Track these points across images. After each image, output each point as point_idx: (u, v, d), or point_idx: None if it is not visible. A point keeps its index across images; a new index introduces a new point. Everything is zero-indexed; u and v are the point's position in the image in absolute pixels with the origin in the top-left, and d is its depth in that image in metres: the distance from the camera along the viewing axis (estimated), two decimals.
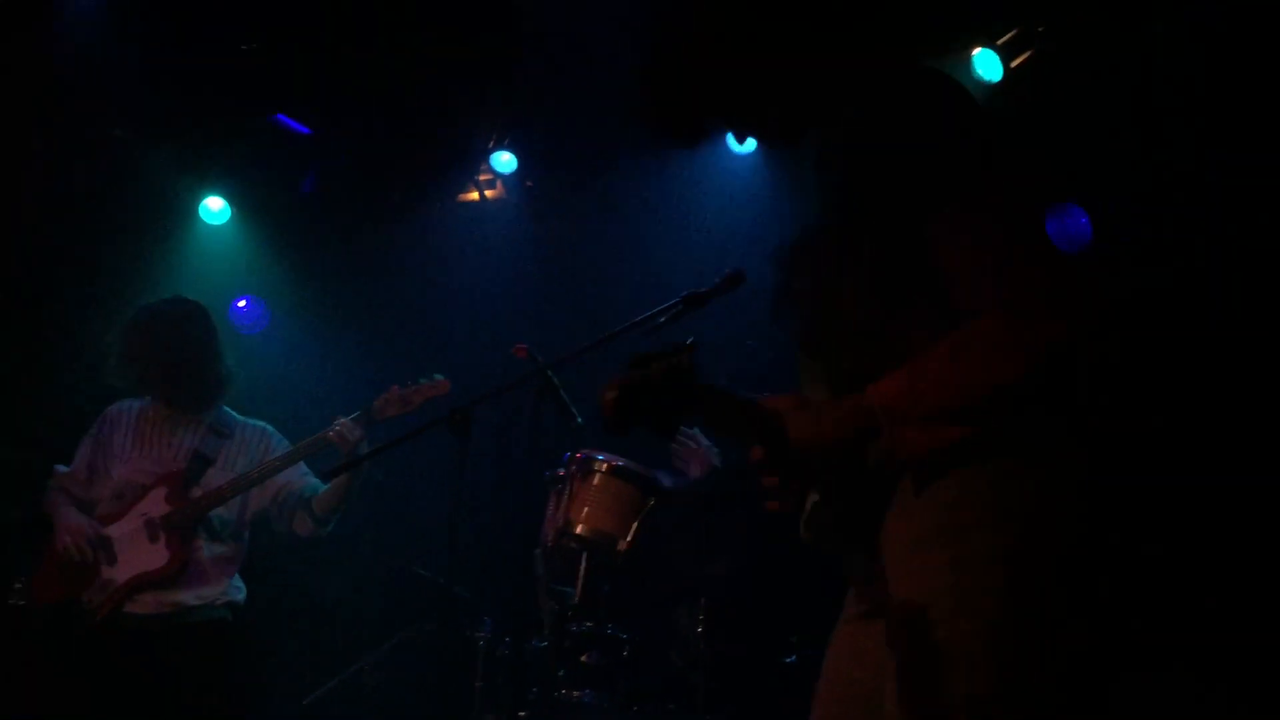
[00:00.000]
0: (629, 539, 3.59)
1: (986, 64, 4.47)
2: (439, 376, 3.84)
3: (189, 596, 3.69)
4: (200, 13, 4.68)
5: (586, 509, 3.61)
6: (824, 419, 1.78)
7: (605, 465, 3.64)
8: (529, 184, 5.60)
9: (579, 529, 3.60)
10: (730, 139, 5.09)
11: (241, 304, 5.65)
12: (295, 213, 5.58)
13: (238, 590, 3.86)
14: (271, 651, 5.12)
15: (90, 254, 5.21)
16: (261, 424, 4.04)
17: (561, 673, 3.77)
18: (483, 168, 5.57)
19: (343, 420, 3.80)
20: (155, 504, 3.74)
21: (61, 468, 3.91)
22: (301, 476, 3.92)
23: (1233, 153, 4.14)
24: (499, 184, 5.65)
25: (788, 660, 3.93)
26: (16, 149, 4.81)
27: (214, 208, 5.50)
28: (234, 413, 4.03)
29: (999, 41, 4.49)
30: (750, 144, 5.06)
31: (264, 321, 5.70)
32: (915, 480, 1.79)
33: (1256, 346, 4.02)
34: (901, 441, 1.74)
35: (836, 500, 1.89)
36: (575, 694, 3.85)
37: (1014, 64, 4.48)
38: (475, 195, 5.70)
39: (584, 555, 3.60)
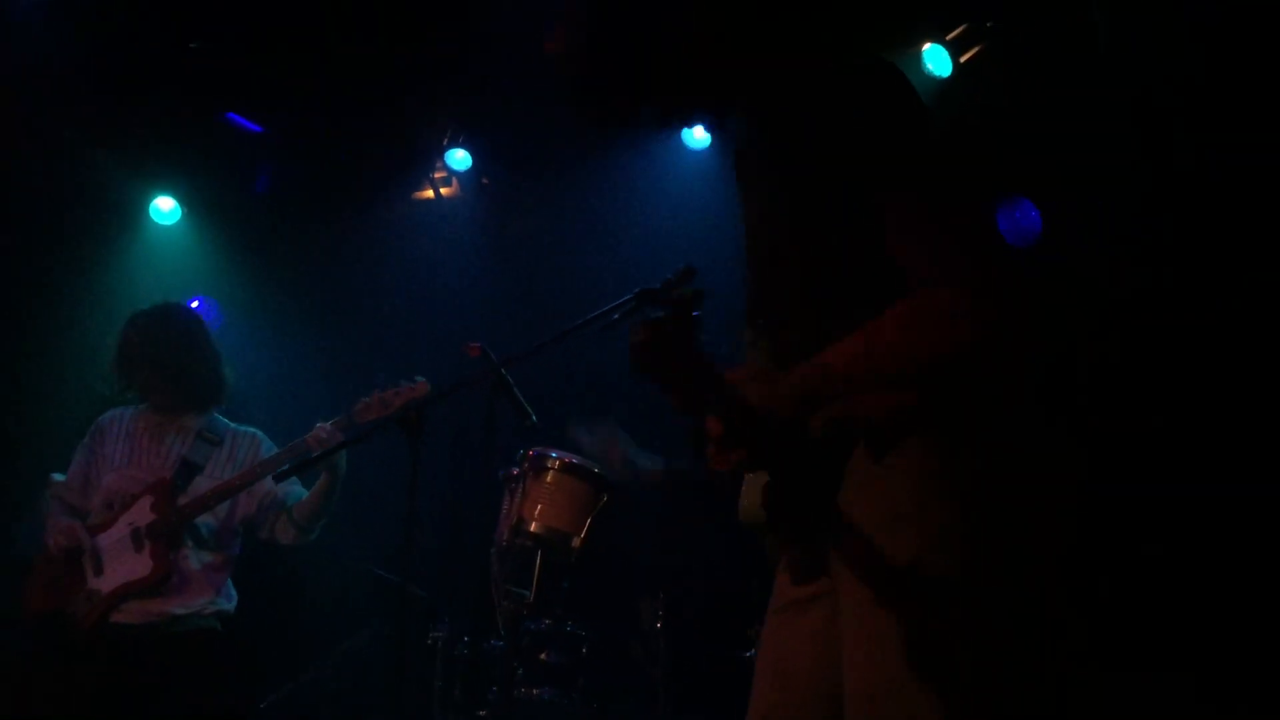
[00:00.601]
0: (583, 536, 3.59)
1: (936, 59, 4.51)
2: (419, 378, 3.80)
3: (175, 606, 3.64)
4: (148, 11, 4.63)
5: (540, 506, 3.60)
6: (780, 384, 1.80)
7: (558, 463, 3.64)
8: (485, 181, 5.58)
9: (533, 526, 3.59)
10: (685, 133, 5.11)
11: (194, 305, 5.60)
12: (247, 212, 5.53)
13: (228, 599, 3.81)
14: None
15: (39, 257, 5.15)
16: (252, 430, 3.99)
17: (521, 671, 3.76)
18: (438, 165, 5.54)
19: (322, 425, 3.76)
20: (142, 513, 3.69)
21: (58, 476, 3.88)
22: (286, 483, 3.88)
23: (1183, 145, 4.19)
24: (454, 182, 5.62)
25: (747, 655, 3.95)
26: None
27: (164, 208, 5.45)
28: (226, 420, 3.99)
29: (949, 37, 4.53)
30: (705, 140, 5.10)
31: (217, 322, 5.64)
32: (872, 452, 1.81)
33: (1212, 335, 4.07)
34: (857, 405, 1.78)
35: (786, 476, 1.90)
36: (535, 692, 3.84)
37: (964, 59, 4.52)
38: (430, 193, 5.67)
39: (538, 553, 3.60)
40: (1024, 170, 4.44)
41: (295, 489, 3.89)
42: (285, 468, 3.65)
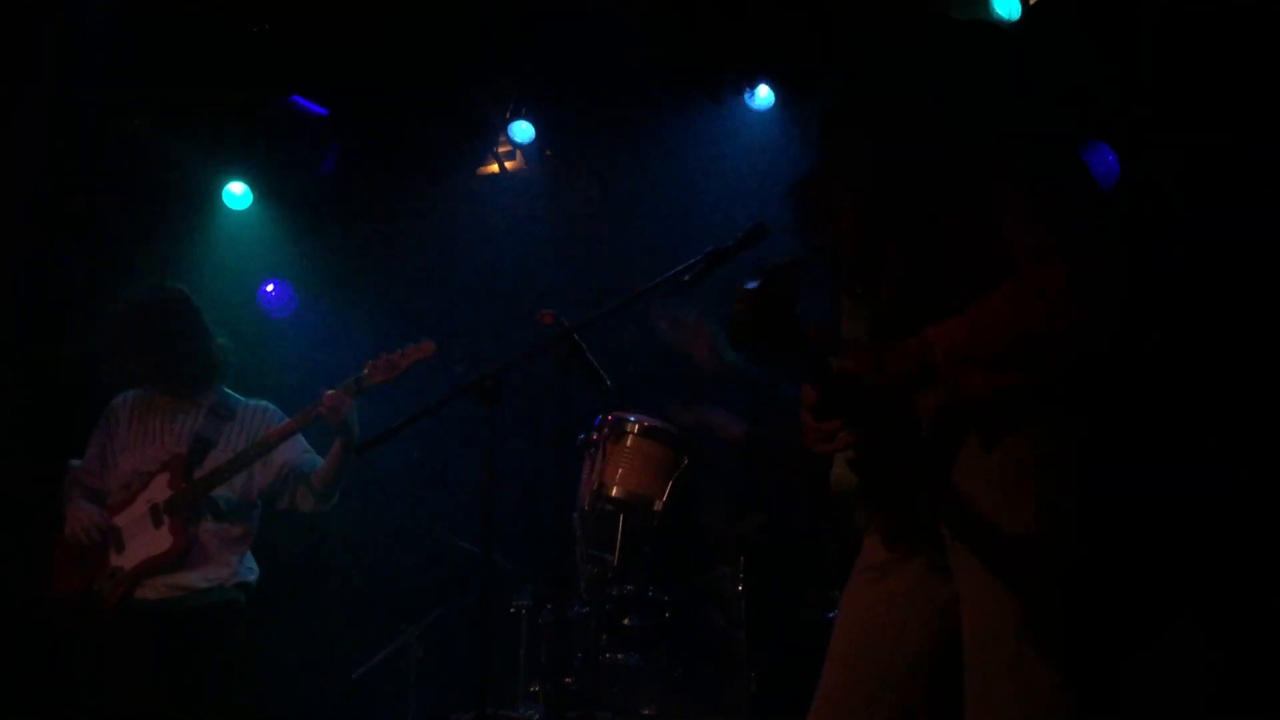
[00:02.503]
0: (664, 498, 3.59)
1: (1004, 2, 4.40)
2: (425, 339, 3.83)
3: (197, 579, 3.71)
4: None
5: (621, 470, 3.61)
6: (885, 358, 1.79)
7: (637, 426, 3.64)
8: (548, 153, 5.58)
9: (614, 491, 3.59)
10: (748, 95, 5.05)
11: (270, 288, 5.68)
12: (317, 194, 5.59)
13: (250, 571, 3.86)
14: (318, 628, 5.19)
15: (117, 246, 5.25)
16: (263, 403, 4.02)
17: (604, 637, 3.78)
18: (501, 139, 5.55)
19: (329, 391, 3.78)
20: (159, 490, 3.76)
21: (75, 461, 3.95)
22: (302, 453, 3.92)
23: (1258, 87, 4.06)
24: (518, 155, 5.63)
25: (829, 615, 3.93)
26: (37, 145, 4.83)
27: (236, 193, 5.51)
28: (235, 394, 4.02)
29: None
30: (768, 98, 5.03)
31: (293, 304, 5.72)
32: (981, 428, 1.81)
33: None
34: (966, 383, 1.77)
35: (882, 446, 1.89)
36: (619, 657, 3.86)
37: (1033, 0, 4.41)
38: (495, 168, 5.69)
39: (620, 517, 3.60)
40: (1099, 113, 4.32)
41: (312, 458, 3.93)
42: (371, 437, 3.67)
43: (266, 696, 4.71)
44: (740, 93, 4.95)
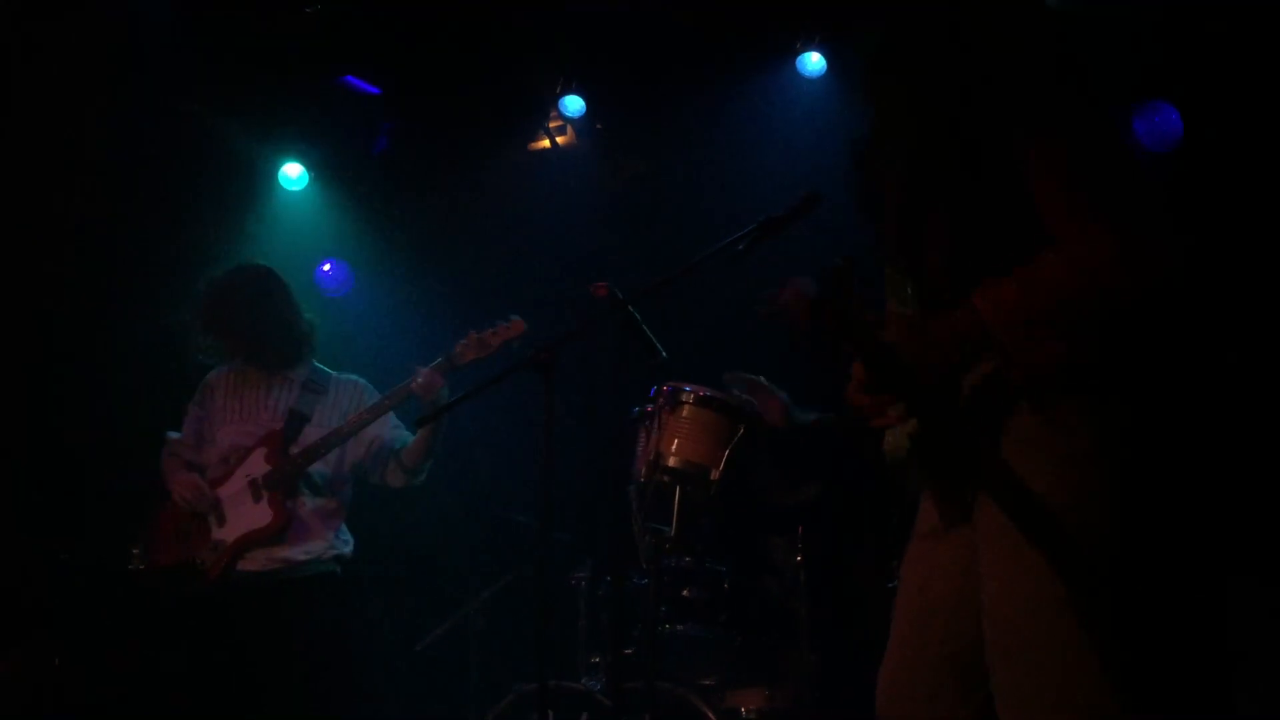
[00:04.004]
0: (721, 468, 3.57)
1: None
2: (514, 317, 3.86)
3: (296, 552, 3.78)
4: None
5: (677, 441, 3.59)
6: (931, 332, 1.78)
7: (693, 396, 3.61)
8: (599, 126, 5.57)
9: (670, 461, 3.58)
10: (800, 60, 5.01)
11: (326, 268, 5.73)
12: (372, 173, 5.63)
13: (345, 543, 3.93)
14: (381, 602, 5.26)
15: (175, 229, 5.32)
16: (354, 377, 4.09)
17: (663, 608, 3.79)
18: (552, 114, 5.55)
19: (423, 369, 3.83)
20: (257, 464, 3.84)
21: (173, 434, 4.03)
22: (392, 429, 3.98)
23: None
24: (569, 129, 5.63)
25: (890, 585, 3.90)
26: (93, 129, 4.91)
27: (292, 174, 5.57)
28: (326, 368, 4.08)
29: None
30: (819, 64, 4.99)
31: (350, 284, 5.77)
32: (1030, 398, 1.78)
33: None
34: (1019, 352, 1.74)
35: (935, 420, 1.87)
36: (678, 628, 3.88)
37: None
38: (546, 143, 5.69)
39: (677, 488, 3.59)
40: (1163, 70, 4.22)
41: (402, 434, 3.98)
42: (425, 413, 3.73)
43: (331, 669, 4.79)
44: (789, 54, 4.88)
